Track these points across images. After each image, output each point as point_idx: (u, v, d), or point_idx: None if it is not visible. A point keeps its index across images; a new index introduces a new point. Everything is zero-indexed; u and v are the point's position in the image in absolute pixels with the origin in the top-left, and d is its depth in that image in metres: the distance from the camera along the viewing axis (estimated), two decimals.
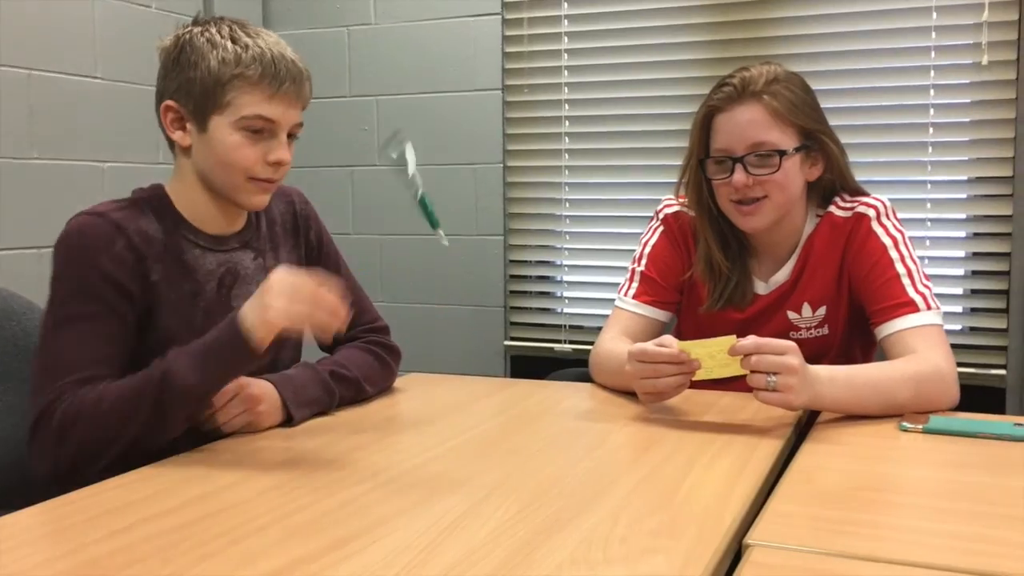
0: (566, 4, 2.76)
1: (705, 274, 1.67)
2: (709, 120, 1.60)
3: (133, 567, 0.86)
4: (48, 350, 1.27)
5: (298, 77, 1.35)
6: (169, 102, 1.35)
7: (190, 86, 1.32)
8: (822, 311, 1.64)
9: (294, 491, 1.07)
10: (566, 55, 2.77)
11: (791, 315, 1.65)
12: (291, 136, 1.38)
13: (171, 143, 1.39)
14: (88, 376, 1.24)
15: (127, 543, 0.92)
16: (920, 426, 1.31)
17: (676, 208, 1.74)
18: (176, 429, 1.24)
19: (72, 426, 1.20)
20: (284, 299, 1.19)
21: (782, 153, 1.53)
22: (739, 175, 1.55)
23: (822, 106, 1.62)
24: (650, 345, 1.38)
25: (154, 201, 1.38)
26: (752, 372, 1.30)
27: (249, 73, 1.31)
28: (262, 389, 1.32)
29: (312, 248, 1.56)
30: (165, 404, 1.20)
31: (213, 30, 1.34)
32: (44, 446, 1.22)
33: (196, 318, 1.35)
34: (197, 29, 1.35)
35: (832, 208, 1.64)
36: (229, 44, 1.31)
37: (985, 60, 2.34)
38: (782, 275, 1.66)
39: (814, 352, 1.57)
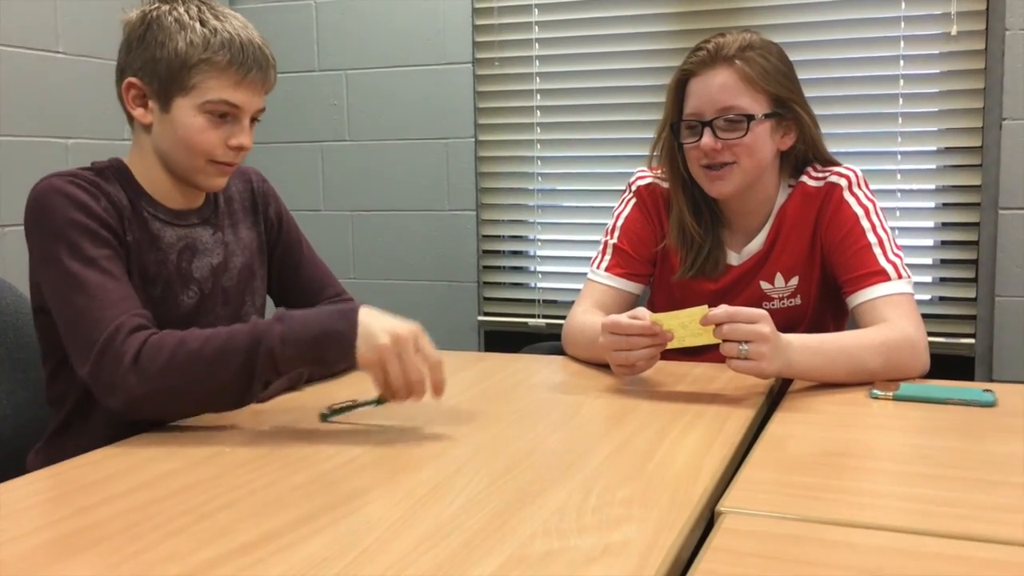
0: None
1: (678, 241, 1.67)
2: (683, 85, 1.60)
3: (100, 545, 0.85)
4: (82, 291, 1.22)
5: (264, 64, 1.34)
6: (132, 79, 1.33)
7: (155, 66, 1.31)
8: (794, 281, 1.65)
9: (263, 467, 1.06)
10: (536, 28, 2.75)
11: (764, 285, 1.66)
12: (253, 120, 1.37)
13: (130, 118, 1.38)
14: (140, 312, 1.22)
15: (93, 521, 0.90)
16: (890, 393, 1.32)
17: (649, 180, 1.73)
18: (253, 394, 1.21)
19: (153, 358, 1.16)
20: (383, 340, 1.17)
21: (750, 118, 1.53)
22: (707, 138, 1.55)
23: None
24: (623, 317, 1.38)
25: (116, 172, 1.36)
26: (724, 341, 1.31)
27: (217, 59, 1.29)
28: None
29: (272, 225, 1.55)
30: (252, 363, 1.17)
31: (181, 9, 1.31)
32: (117, 378, 1.17)
33: (157, 287, 1.35)
34: (165, 7, 1.32)
35: (804, 178, 1.64)
36: (198, 26, 1.30)
37: (954, 31, 2.34)
38: (755, 245, 1.66)
39: (787, 322, 1.57)
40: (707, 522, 0.91)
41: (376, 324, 1.19)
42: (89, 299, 1.21)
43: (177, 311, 1.36)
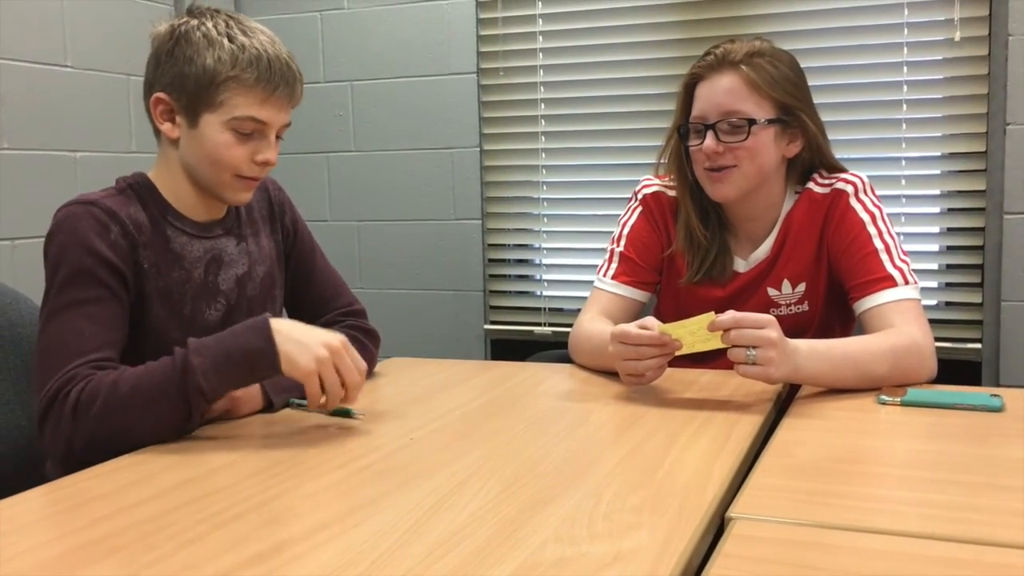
0: None
1: (685, 245, 1.68)
2: (692, 89, 1.62)
3: (117, 554, 0.85)
4: (53, 334, 1.24)
5: (291, 80, 1.35)
6: (160, 94, 1.34)
7: (183, 81, 1.32)
8: (801, 287, 1.65)
9: (276, 476, 1.07)
10: (541, 37, 2.76)
11: (771, 292, 1.66)
12: (277, 136, 1.39)
13: (157, 133, 1.38)
14: (98, 359, 1.23)
15: (110, 530, 0.91)
16: (898, 399, 1.33)
17: (655, 188, 1.74)
18: (193, 424, 1.23)
19: (89, 407, 1.17)
20: (323, 359, 1.20)
21: (752, 122, 1.55)
22: (709, 141, 1.57)
23: None
24: (632, 327, 1.39)
25: (140, 189, 1.37)
26: (732, 346, 1.31)
27: (245, 76, 1.30)
28: None
29: (288, 233, 1.57)
30: (185, 399, 1.19)
31: (209, 24, 1.32)
32: (59, 427, 1.19)
33: (185, 305, 1.36)
34: (194, 22, 1.33)
35: (810, 184, 1.65)
36: (226, 42, 1.30)
37: (957, 36, 2.35)
38: (762, 252, 1.67)
39: (794, 328, 1.58)
40: (717, 528, 0.92)
41: (303, 334, 1.22)
42: (59, 342, 1.24)
43: (204, 327, 1.37)
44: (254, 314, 1.44)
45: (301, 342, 1.20)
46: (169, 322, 1.31)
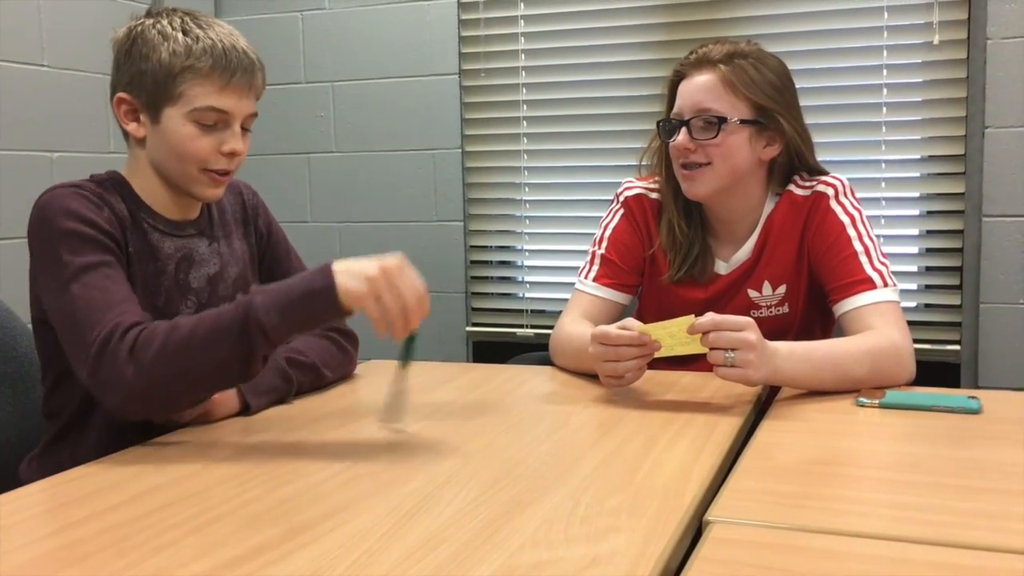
0: None
1: (667, 244, 1.68)
2: (675, 86, 1.64)
3: (88, 560, 0.84)
4: (79, 296, 1.22)
5: (250, 67, 1.35)
6: (122, 94, 1.34)
7: (142, 78, 1.32)
8: (782, 289, 1.66)
9: (251, 480, 1.06)
10: (522, 39, 2.76)
11: (752, 293, 1.67)
12: (245, 129, 1.38)
13: (125, 134, 1.38)
14: (138, 312, 1.22)
15: (81, 536, 0.90)
16: (876, 401, 1.33)
17: (637, 191, 1.74)
18: (254, 371, 1.20)
19: (147, 348, 1.16)
20: (374, 279, 1.16)
21: (723, 120, 1.55)
22: (682, 137, 1.58)
23: None
24: (612, 328, 1.38)
25: (115, 184, 1.37)
26: (711, 349, 1.31)
27: (200, 65, 1.30)
28: None
29: (261, 236, 1.56)
30: (247, 336, 1.16)
31: (164, 22, 1.33)
32: (115, 371, 1.16)
33: (159, 297, 1.35)
34: (149, 21, 1.34)
35: (791, 187, 1.65)
36: (180, 36, 1.31)
37: (937, 40, 2.36)
38: (743, 254, 1.67)
39: (775, 330, 1.58)
40: (695, 531, 0.92)
41: (358, 264, 1.19)
42: (87, 302, 1.21)
43: None
44: None
45: (354, 271, 1.17)
46: (146, 311, 1.29)
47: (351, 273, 1.17)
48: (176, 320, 1.19)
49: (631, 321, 1.40)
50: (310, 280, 1.18)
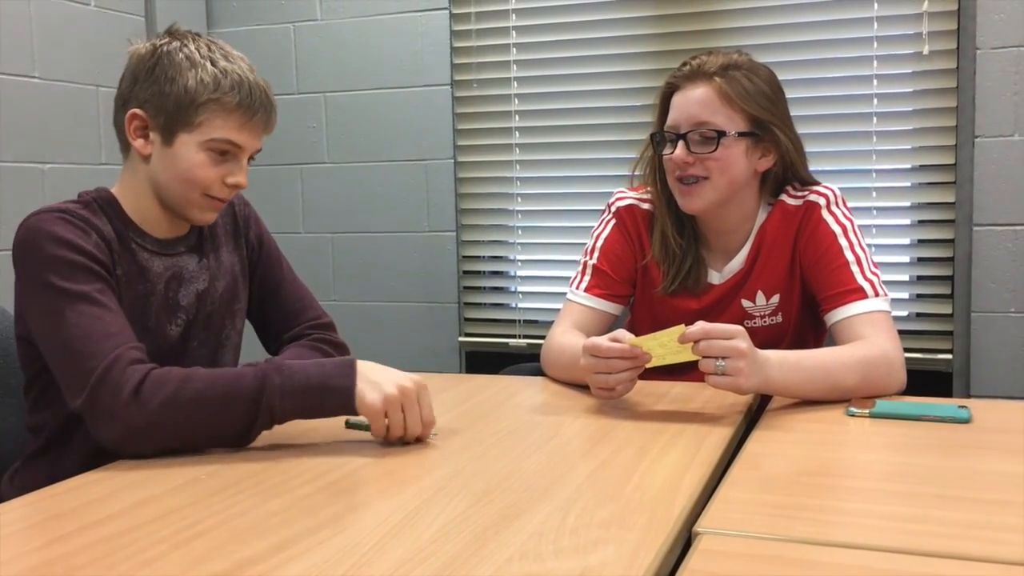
0: None
1: (660, 255, 1.68)
2: (668, 98, 1.63)
3: (75, 574, 0.84)
4: (74, 324, 1.22)
5: (269, 108, 1.37)
6: (136, 110, 1.34)
7: (163, 100, 1.32)
8: (775, 299, 1.66)
9: (239, 493, 1.05)
10: (514, 49, 2.77)
11: (745, 303, 1.67)
12: (249, 159, 1.40)
13: (126, 147, 1.38)
14: (136, 344, 1.23)
15: (67, 550, 0.90)
16: (867, 411, 1.33)
17: (629, 201, 1.74)
18: (250, 440, 1.23)
19: (155, 394, 1.17)
20: (393, 400, 1.21)
21: (721, 134, 1.55)
22: (679, 151, 1.58)
23: None
24: (604, 340, 1.38)
25: (103, 203, 1.37)
26: (702, 357, 1.31)
27: (227, 99, 1.32)
28: None
29: (253, 247, 1.56)
30: (253, 413, 1.19)
31: (192, 47, 1.34)
32: (116, 407, 1.16)
33: (149, 318, 1.36)
34: (176, 43, 1.34)
35: (783, 196, 1.65)
36: (209, 65, 1.32)
37: (926, 50, 2.37)
38: (736, 264, 1.67)
39: (769, 340, 1.58)
40: (685, 542, 0.92)
41: (382, 374, 1.23)
42: (83, 330, 1.21)
43: (165, 341, 1.37)
44: (213, 329, 1.45)
45: (375, 381, 1.22)
46: (135, 332, 1.29)
47: (372, 383, 1.21)
48: (191, 372, 1.21)
49: (622, 333, 1.39)
50: (330, 375, 1.22)
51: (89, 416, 1.19)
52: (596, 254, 1.73)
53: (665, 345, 1.34)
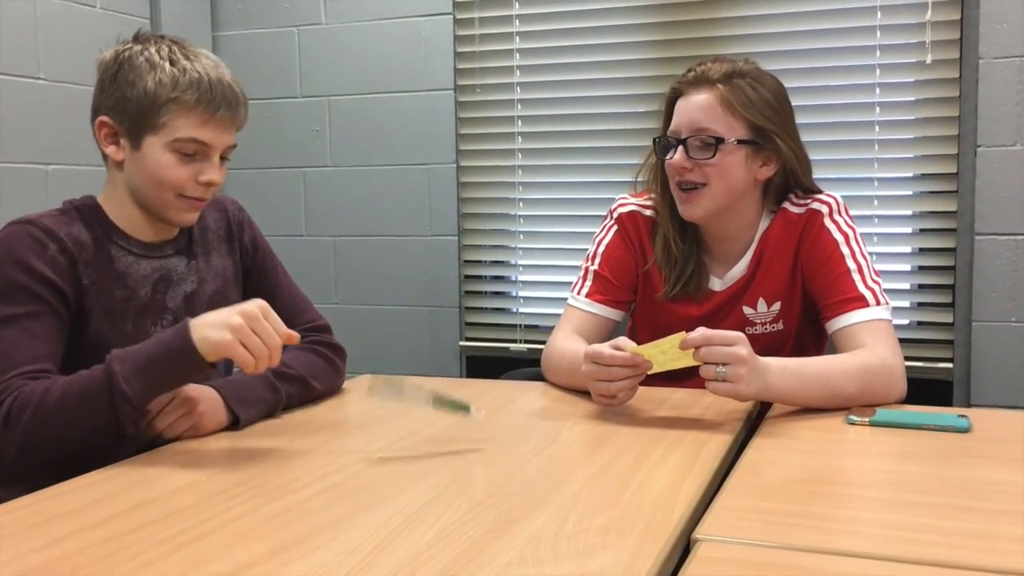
0: (517, 4, 2.76)
1: (662, 260, 1.68)
2: (673, 103, 1.64)
3: None
4: None
5: (234, 102, 1.36)
6: (104, 118, 1.36)
7: (126, 105, 1.34)
8: (777, 306, 1.66)
9: (239, 495, 1.06)
10: (518, 55, 2.77)
11: (747, 310, 1.67)
12: (223, 158, 1.40)
13: (104, 155, 1.40)
14: (34, 370, 1.24)
15: (66, 552, 0.90)
16: (867, 419, 1.33)
17: (631, 207, 1.74)
18: (124, 431, 1.23)
19: (20, 415, 1.19)
20: (239, 327, 1.20)
21: (720, 140, 1.55)
22: (678, 156, 1.58)
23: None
24: (605, 347, 1.38)
25: (85, 210, 1.38)
26: (703, 363, 1.31)
27: (185, 98, 1.32)
28: (198, 391, 1.31)
29: (247, 251, 1.57)
30: (112, 406, 1.19)
31: (152, 49, 1.34)
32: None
33: (127, 322, 1.37)
34: (137, 47, 1.35)
35: (786, 204, 1.66)
36: (167, 66, 1.32)
37: (929, 59, 2.38)
38: (738, 271, 1.67)
39: (770, 347, 1.58)
40: (683, 549, 0.92)
41: (216, 315, 1.23)
42: None
43: None
44: None
45: (214, 322, 1.21)
46: (111, 337, 1.32)
47: (211, 325, 1.21)
48: (50, 383, 1.22)
49: (624, 341, 1.39)
50: (168, 340, 1.22)
51: None
52: (598, 260, 1.73)
53: (666, 352, 1.34)
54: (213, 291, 1.48)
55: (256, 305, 1.23)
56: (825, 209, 1.62)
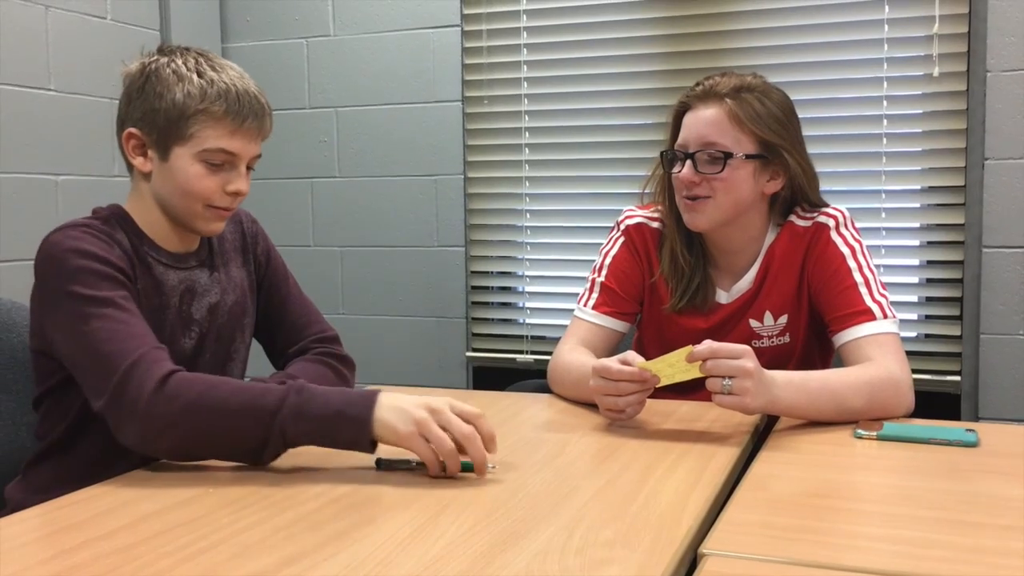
0: (525, 16, 2.77)
1: (669, 272, 1.68)
2: (681, 116, 1.64)
3: None
4: (98, 329, 1.22)
5: (260, 112, 1.37)
6: (132, 129, 1.36)
7: (154, 116, 1.34)
8: (783, 319, 1.66)
9: (246, 508, 1.06)
10: (525, 67, 2.78)
11: (753, 323, 1.67)
12: (248, 168, 1.40)
13: (130, 167, 1.40)
14: (161, 346, 1.24)
15: (74, 563, 0.90)
16: (874, 433, 1.33)
17: (638, 219, 1.75)
18: (265, 460, 1.21)
19: (179, 395, 1.17)
20: (420, 413, 1.16)
21: (728, 155, 1.56)
22: (686, 170, 1.58)
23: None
24: (613, 362, 1.38)
25: (118, 219, 1.38)
26: (709, 376, 1.31)
27: (214, 109, 1.33)
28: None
29: (260, 263, 1.58)
30: (266, 431, 1.18)
31: (179, 61, 1.35)
32: (139, 401, 1.17)
33: (164, 332, 1.36)
34: (164, 59, 1.36)
35: (792, 217, 1.66)
36: (195, 77, 1.33)
37: (936, 72, 2.38)
38: (744, 284, 1.67)
39: (776, 360, 1.58)
40: (690, 563, 0.92)
41: (404, 400, 1.18)
42: (108, 333, 1.22)
43: (180, 354, 1.38)
44: (223, 342, 1.46)
45: (399, 407, 1.17)
46: None
47: (393, 408, 1.17)
48: (219, 380, 1.21)
49: (632, 355, 1.39)
50: (349, 403, 1.19)
51: (112, 413, 1.20)
52: (604, 272, 1.74)
53: (673, 365, 1.34)
54: (233, 302, 1.48)
55: (443, 400, 1.19)
56: (831, 222, 1.62)
